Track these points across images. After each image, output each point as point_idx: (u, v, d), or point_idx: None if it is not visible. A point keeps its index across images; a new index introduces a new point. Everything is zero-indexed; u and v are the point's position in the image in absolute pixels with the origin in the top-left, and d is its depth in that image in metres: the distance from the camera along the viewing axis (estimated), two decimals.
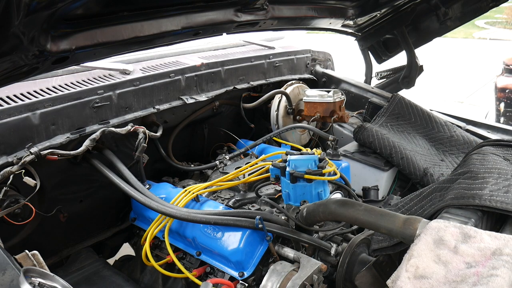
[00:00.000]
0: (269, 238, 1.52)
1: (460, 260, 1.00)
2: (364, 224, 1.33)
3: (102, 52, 1.51)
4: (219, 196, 1.89)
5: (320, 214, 1.46)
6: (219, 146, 2.54)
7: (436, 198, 1.44)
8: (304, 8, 2.22)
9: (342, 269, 1.57)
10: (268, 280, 1.41)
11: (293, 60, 2.90)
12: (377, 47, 3.11)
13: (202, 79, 2.29)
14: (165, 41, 1.70)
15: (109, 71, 2.04)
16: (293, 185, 1.57)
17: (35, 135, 1.63)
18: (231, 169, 2.02)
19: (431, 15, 2.88)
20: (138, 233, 2.01)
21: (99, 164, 1.77)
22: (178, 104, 2.14)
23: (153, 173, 2.16)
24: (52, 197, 1.78)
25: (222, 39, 2.87)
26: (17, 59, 1.21)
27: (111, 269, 1.83)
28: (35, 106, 1.64)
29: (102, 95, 1.85)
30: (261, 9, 1.90)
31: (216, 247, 1.58)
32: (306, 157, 1.59)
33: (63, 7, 1.16)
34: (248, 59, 2.58)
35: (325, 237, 1.68)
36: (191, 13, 1.64)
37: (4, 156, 1.55)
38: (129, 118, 1.93)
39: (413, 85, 3.06)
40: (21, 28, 1.09)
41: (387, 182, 2.40)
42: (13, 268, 1.00)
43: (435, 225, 1.11)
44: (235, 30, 1.95)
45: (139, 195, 1.65)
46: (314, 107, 2.49)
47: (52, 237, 1.87)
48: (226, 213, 1.57)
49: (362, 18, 2.78)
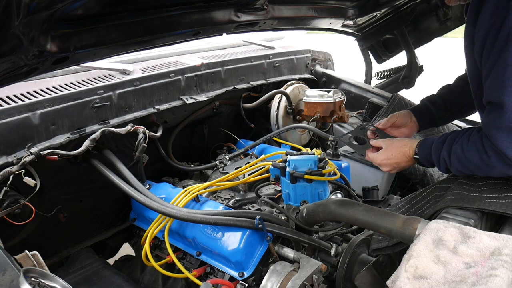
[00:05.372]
0: (269, 238, 1.52)
1: (459, 260, 1.00)
2: (364, 224, 1.33)
3: (102, 52, 1.51)
4: (219, 196, 1.89)
5: (320, 214, 1.46)
6: (219, 146, 2.54)
7: (436, 199, 1.44)
8: (304, 8, 2.22)
9: (342, 269, 1.57)
10: (268, 280, 1.41)
11: (293, 60, 2.90)
12: (377, 47, 3.11)
13: (202, 79, 2.29)
14: (165, 41, 1.70)
15: (109, 71, 2.04)
16: (293, 185, 1.58)
17: (35, 135, 1.63)
18: (231, 169, 2.02)
19: (431, 15, 2.88)
20: (138, 233, 2.01)
21: (99, 164, 1.77)
22: (178, 104, 2.14)
23: (153, 173, 2.16)
24: (52, 197, 1.78)
25: (222, 39, 2.88)
26: (17, 59, 1.21)
27: (111, 269, 1.83)
28: (35, 106, 1.64)
29: (102, 95, 1.85)
30: (261, 9, 1.90)
31: (216, 247, 1.58)
32: (306, 157, 1.59)
33: (63, 8, 1.16)
34: (248, 59, 2.58)
35: (325, 237, 1.68)
36: (191, 13, 1.64)
37: (4, 156, 1.55)
38: (129, 118, 1.93)
39: (413, 85, 3.07)
40: (21, 29, 1.09)
41: (387, 182, 2.40)
42: (13, 268, 1.00)
43: (435, 225, 1.11)
44: (235, 30, 1.95)
45: (139, 195, 1.65)
46: (314, 107, 2.49)
47: (52, 237, 1.87)
48: (226, 213, 1.57)
49: (362, 18, 2.78)
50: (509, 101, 1.13)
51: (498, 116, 1.16)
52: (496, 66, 1.16)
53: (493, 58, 1.17)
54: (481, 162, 1.25)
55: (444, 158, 1.36)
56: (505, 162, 1.19)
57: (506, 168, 1.21)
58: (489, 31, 1.17)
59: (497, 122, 1.17)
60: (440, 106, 1.72)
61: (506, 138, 1.16)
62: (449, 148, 1.34)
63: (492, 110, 1.21)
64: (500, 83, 1.14)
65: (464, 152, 1.29)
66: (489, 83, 1.21)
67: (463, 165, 1.31)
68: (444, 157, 1.36)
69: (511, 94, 1.12)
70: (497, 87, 1.16)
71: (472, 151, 1.27)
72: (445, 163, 1.37)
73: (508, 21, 1.11)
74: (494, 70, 1.17)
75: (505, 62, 1.13)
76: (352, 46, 3.24)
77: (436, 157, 1.39)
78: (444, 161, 1.37)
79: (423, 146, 1.45)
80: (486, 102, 1.25)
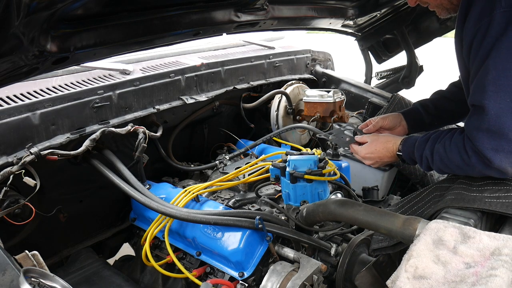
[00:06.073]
0: (269, 238, 1.52)
1: (459, 260, 1.00)
2: (364, 224, 1.33)
3: (102, 52, 1.51)
4: (219, 196, 1.89)
5: (320, 214, 1.47)
6: (219, 146, 2.54)
7: (436, 199, 1.44)
8: (304, 8, 2.22)
9: (342, 269, 1.57)
10: (268, 280, 1.41)
11: (293, 60, 2.90)
12: (377, 47, 3.11)
13: (202, 79, 2.29)
14: (165, 41, 1.70)
15: (109, 71, 2.04)
16: (293, 185, 1.57)
17: (35, 135, 1.63)
18: (231, 169, 2.02)
19: (431, 15, 2.88)
20: (138, 233, 2.01)
21: (99, 164, 1.77)
22: (178, 104, 2.14)
23: (153, 173, 2.16)
24: (52, 197, 1.78)
25: (222, 39, 2.88)
26: (17, 59, 1.21)
27: (111, 269, 1.83)
28: (35, 106, 1.64)
29: (102, 95, 1.85)
30: (261, 9, 1.90)
31: (216, 247, 1.58)
32: (306, 157, 1.59)
33: (63, 8, 1.16)
34: (248, 59, 2.58)
35: (325, 237, 1.68)
36: (191, 13, 1.64)
37: (4, 156, 1.55)
38: (129, 118, 1.93)
39: (413, 85, 3.07)
40: (21, 29, 1.09)
41: (387, 182, 2.40)
42: (13, 268, 1.00)
43: (435, 225, 1.11)
44: (235, 30, 1.95)
45: (139, 195, 1.65)
46: (314, 107, 2.49)
47: (52, 237, 1.87)
48: (226, 213, 1.57)
49: (362, 18, 2.78)
50: (489, 105, 1.18)
51: (479, 119, 1.21)
52: (479, 71, 1.21)
53: (477, 64, 1.22)
54: (462, 162, 1.29)
55: (427, 156, 1.40)
56: (485, 163, 1.23)
57: (486, 169, 1.25)
58: (474, 37, 1.22)
59: (478, 124, 1.22)
60: (431, 111, 1.75)
61: (486, 139, 1.20)
62: (432, 147, 1.38)
63: (474, 113, 1.26)
64: (482, 87, 1.20)
65: (446, 152, 1.33)
66: (472, 87, 1.26)
67: (445, 164, 1.35)
68: (427, 155, 1.40)
69: (491, 98, 1.17)
70: (479, 91, 1.21)
71: (454, 151, 1.31)
72: (427, 161, 1.41)
73: (491, 30, 1.17)
74: (478, 75, 1.22)
75: (487, 68, 1.18)
76: (352, 46, 3.24)
77: (418, 155, 1.43)
78: (426, 159, 1.41)
79: (406, 143, 1.49)
80: (470, 105, 1.30)
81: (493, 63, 1.17)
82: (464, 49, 1.29)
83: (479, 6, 1.21)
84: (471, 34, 1.23)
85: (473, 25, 1.22)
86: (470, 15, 1.24)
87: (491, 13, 1.17)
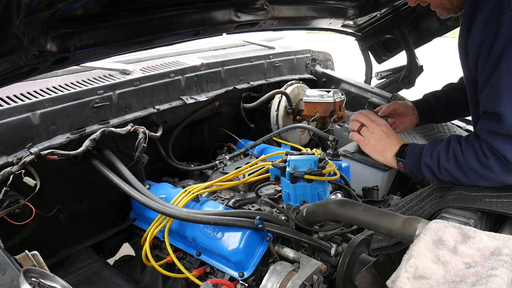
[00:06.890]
0: (269, 238, 1.52)
1: (459, 260, 1.00)
2: (364, 224, 1.33)
3: (102, 52, 1.51)
4: (219, 196, 1.89)
5: (320, 214, 1.46)
6: (219, 146, 2.54)
7: (436, 199, 1.44)
8: (304, 8, 2.22)
9: (342, 269, 1.57)
10: (268, 280, 1.41)
11: (293, 60, 2.90)
12: (377, 47, 3.11)
13: (202, 79, 2.29)
14: (165, 41, 1.70)
15: (109, 71, 2.04)
16: (293, 185, 1.57)
17: (35, 135, 1.63)
18: (231, 169, 2.02)
19: (431, 15, 2.88)
20: (138, 233, 2.01)
21: (99, 164, 1.77)
22: (178, 104, 2.14)
23: (153, 173, 2.16)
24: (52, 197, 1.78)
25: (222, 39, 2.88)
26: (17, 59, 1.21)
27: (111, 269, 1.83)
28: (35, 106, 1.64)
29: (102, 95, 1.85)
30: (261, 9, 1.90)
31: (216, 247, 1.58)
32: (306, 157, 1.59)
33: (63, 8, 1.16)
34: (248, 59, 2.58)
35: (325, 237, 1.68)
36: (191, 13, 1.64)
37: (4, 156, 1.55)
38: (129, 118, 1.93)
39: (413, 85, 3.07)
40: (21, 29, 1.09)
41: (387, 182, 2.40)
42: (13, 268, 1.00)
43: (435, 225, 1.11)
44: (235, 30, 1.95)
45: (139, 195, 1.66)
46: (314, 107, 2.49)
47: (52, 237, 1.87)
48: (226, 213, 1.57)
49: (362, 18, 2.78)
50: (505, 111, 1.15)
51: (496, 126, 1.18)
52: (492, 77, 1.18)
53: (489, 70, 1.19)
54: (478, 163, 1.23)
55: (440, 151, 1.32)
56: (505, 164, 1.19)
57: (504, 172, 1.21)
58: (482, 43, 1.19)
59: (495, 129, 1.19)
60: (443, 102, 1.73)
61: (506, 142, 1.17)
62: (447, 146, 1.32)
63: (488, 119, 1.22)
64: (496, 93, 1.17)
65: (462, 152, 1.27)
66: (485, 94, 1.23)
67: (458, 166, 1.28)
68: (440, 150, 1.32)
69: (507, 104, 1.15)
70: (493, 97, 1.18)
71: (470, 151, 1.26)
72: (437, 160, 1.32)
73: (501, 34, 1.14)
74: (490, 81, 1.19)
75: (500, 74, 1.15)
76: (352, 46, 3.24)
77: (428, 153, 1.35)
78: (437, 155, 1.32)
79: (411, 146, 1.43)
80: (482, 112, 1.26)
81: (505, 69, 1.14)
82: (471, 56, 1.26)
83: (485, 12, 1.18)
84: (478, 41, 1.20)
85: (480, 31, 1.19)
86: (476, 21, 1.21)
87: (499, 17, 1.14)
